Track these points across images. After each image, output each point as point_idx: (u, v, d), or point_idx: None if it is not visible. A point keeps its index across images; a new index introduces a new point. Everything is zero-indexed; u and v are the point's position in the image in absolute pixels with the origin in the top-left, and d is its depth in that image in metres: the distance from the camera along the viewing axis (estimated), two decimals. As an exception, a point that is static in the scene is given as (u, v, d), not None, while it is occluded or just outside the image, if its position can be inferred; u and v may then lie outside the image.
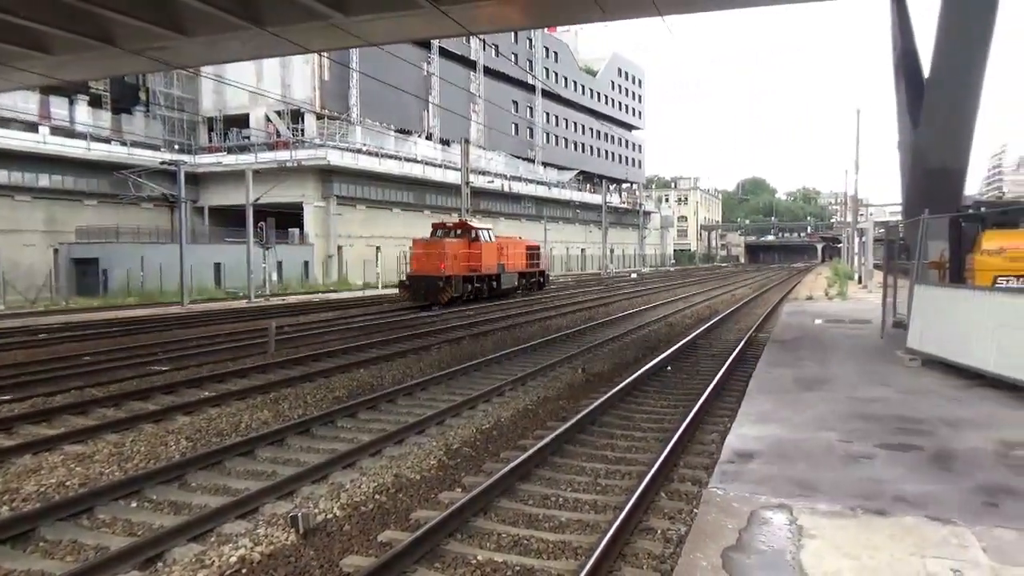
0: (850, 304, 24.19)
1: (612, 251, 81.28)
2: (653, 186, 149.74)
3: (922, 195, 13.53)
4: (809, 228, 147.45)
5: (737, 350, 14.67)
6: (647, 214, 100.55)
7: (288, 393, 11.42)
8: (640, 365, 13.57)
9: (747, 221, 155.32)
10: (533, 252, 35.27)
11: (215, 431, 9.26)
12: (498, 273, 30.69)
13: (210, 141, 52.04)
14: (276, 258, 39.20)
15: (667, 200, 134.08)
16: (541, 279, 35.28)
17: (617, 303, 29.75)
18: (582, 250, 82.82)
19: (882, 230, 27.13)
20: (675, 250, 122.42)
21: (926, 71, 13.69)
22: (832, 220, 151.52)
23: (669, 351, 14.83)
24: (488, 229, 31.00)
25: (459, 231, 29.29)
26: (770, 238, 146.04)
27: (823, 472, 6.29)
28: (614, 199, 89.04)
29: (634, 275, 59.02)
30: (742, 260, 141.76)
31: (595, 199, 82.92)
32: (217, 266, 39.99)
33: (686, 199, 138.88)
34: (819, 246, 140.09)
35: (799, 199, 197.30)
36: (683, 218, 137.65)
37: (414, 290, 26.97)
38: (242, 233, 33.94)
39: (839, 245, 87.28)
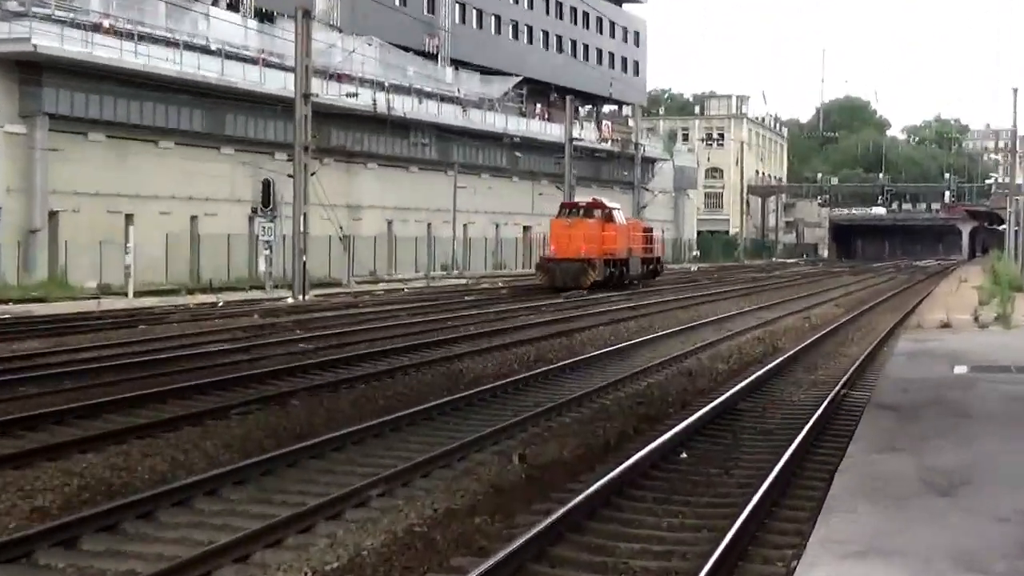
0: (1020, 338, 24.88)
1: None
2: (662, 111, 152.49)
3: None
4: (947, 196, 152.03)
5: (813, 421, 14.92)
6: (649, 163, 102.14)
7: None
8: (629, 449, 13.65)
9: (834, 180, 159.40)
10: (648, 235, 57.42)
11: None
12: (627, 258, 51.97)
13: None
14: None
15: (686, 139, 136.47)
16: (657, 267, 59.27)
17: (588, 330, 30.13)
18: (525, 230, 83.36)
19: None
20: (701, 232, 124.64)
21: None
22: (990, 182, 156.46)
23: (685, 422, 14.96)
24: (618, 208, 53.21)
25: (592, 211, 50.21)
26: (877, 212, 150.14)
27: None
28: (587, 133, 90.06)
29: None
30: (823, 251, 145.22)
31: (552, 132, 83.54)
32: None
33: (721, 136, 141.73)
34: (964, 229, 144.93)
35: (928, 141, 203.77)
36: (716, 172, 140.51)
37: (553, 274, 48.31)
38: None
39: (1001, 228, 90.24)
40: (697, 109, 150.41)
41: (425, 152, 71.06)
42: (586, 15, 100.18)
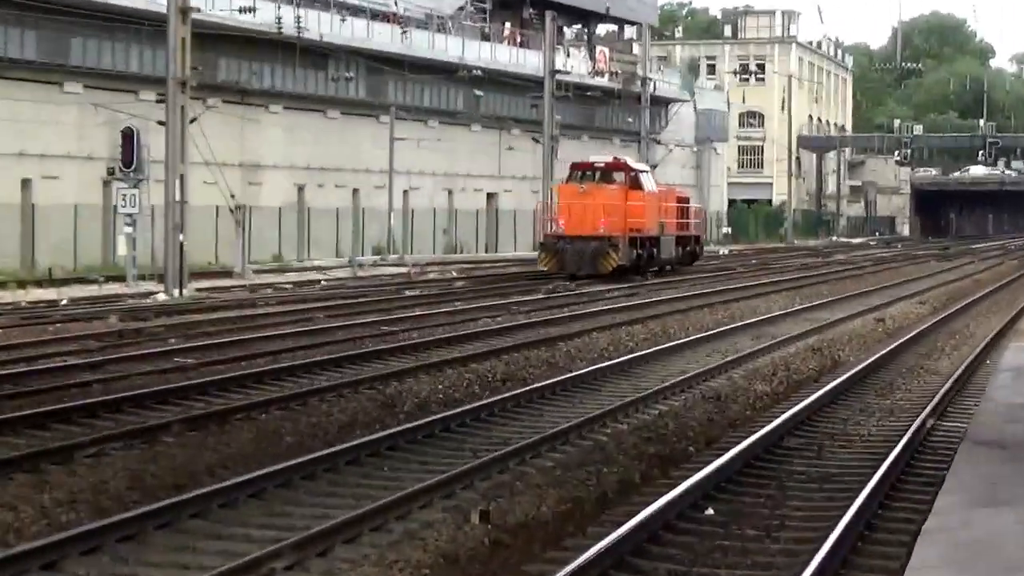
0: None
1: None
2: (679, 33, 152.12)
3: None
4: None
5: (888, 463, 14.89)
6: (662, 105, 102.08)
7: None
8: (634, 503, 13.67)
9: (917, 129, 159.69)
10: (685, 208, 62.98)
11: None
12: (658, 236, 56.36)
13: None
14: None
15: (712, 72, 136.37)
16: (696, 248, 64.55)
17: (577, 338, 30.26)
18: (489, 197, 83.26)
19: None
20: (733, 202, 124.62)
21: None
22: None
23: (712, 466, 14.93)
24: (647, 171, 59.25)
25: (612, 174, 54.77)
26: (977, 173, 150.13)
27: None
28: (576, 63, 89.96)
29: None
30: (903, 227, 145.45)
31: (527, 63, 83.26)
32: None
33: (761, 68, 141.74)
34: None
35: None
36: (754, 118, 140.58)
37: (563, 257, 52.35)
38: None
39: None
40: (728, 31, 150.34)
41: (350, 90, 70.79)
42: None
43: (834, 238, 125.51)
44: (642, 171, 56.93)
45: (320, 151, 69.06)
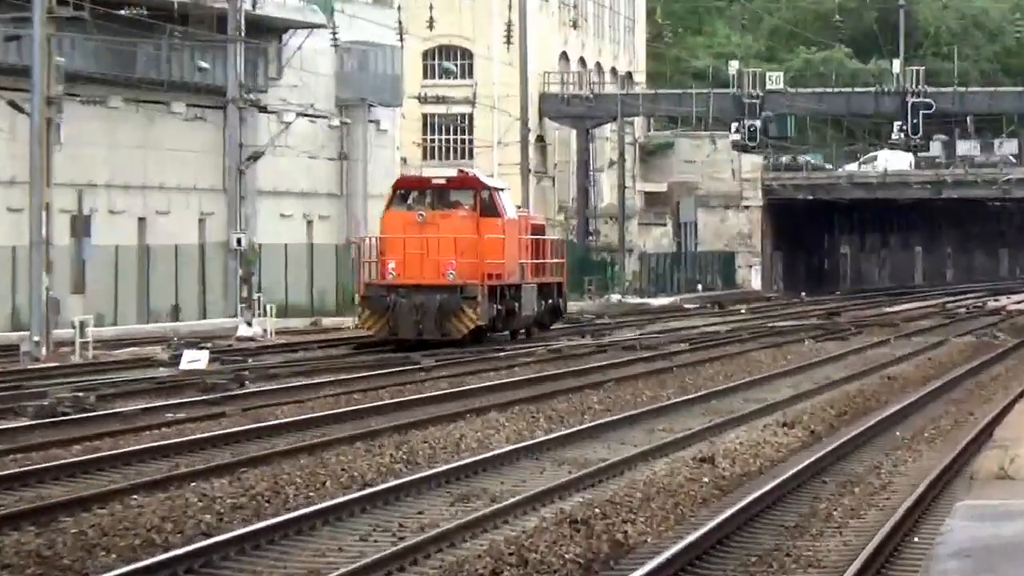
0: None
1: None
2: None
3: None
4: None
5: None
6: (273, 34, 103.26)
7: None
8: None
9: (773, 80, 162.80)
10: (541, 240, 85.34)
11: None
12: (519, 283, 76.27)
13: None
14: None
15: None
16: (560, 301, 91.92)
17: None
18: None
19: None
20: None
21: None
22: None
23: None
24: (505, 189, 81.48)
25: (457, 195, 73.60)
26: (891, 164, 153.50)
27: None
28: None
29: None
30: (754, 275, 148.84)
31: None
32: None
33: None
34: None
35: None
36: (454, 56, 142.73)
37: (396, 316, 69.79)
38: None
39: None
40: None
41: None
42: None
43: (616, 297, 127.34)
44: (497, 189, 69.61)
45: None
